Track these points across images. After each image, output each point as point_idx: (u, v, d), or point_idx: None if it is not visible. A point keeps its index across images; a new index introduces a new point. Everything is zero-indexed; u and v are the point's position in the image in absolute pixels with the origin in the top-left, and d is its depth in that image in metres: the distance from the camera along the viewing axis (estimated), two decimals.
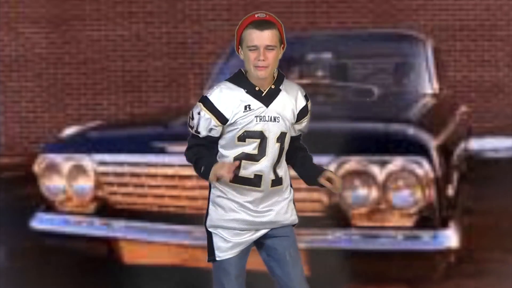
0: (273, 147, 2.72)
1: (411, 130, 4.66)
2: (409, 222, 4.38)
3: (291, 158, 2.85)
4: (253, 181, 2.72)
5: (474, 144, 8.33)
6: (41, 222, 5.12)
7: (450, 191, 4.80)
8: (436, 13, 10.32)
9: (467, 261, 5.01)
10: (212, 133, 2.74)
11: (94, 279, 5.04)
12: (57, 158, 5.03)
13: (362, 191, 4.39)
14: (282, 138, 2.74)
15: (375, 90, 5.70)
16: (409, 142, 4.51)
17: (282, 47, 2.74)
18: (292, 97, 2.77)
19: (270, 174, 2.73)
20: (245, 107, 2.69)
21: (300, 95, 2.80)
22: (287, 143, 2.78)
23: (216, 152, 2.81)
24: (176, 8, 10.48)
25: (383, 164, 4.36)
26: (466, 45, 10.33)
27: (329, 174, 2.77)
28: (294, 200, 2.90)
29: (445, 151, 4.80)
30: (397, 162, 4.35)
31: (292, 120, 2.78)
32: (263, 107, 2.70)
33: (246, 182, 2.73)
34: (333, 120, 4.79)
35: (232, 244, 2.81)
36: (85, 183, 4.93)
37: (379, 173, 4.36)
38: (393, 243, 4.34)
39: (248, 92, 2.71)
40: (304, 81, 6.12)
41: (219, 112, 2.69)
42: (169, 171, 4.69)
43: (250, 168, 2.71)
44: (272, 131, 2.71)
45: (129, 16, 10.52)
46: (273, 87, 2.73)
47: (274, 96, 2.73)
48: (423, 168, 4.33)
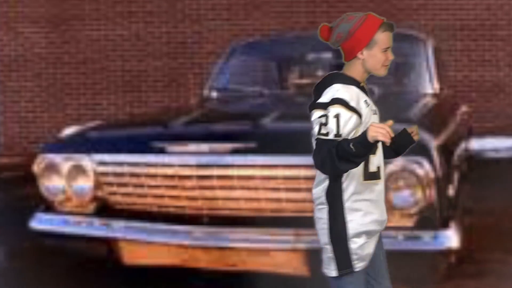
0: None
1: None
2: (409, 222, 4.38)
3: None
4: (376, 174, 2.77)
5: (475, 144, 8.33)
6: (41, 222, 5.11)
7: (451, 191, 4.80)
8: (437, 13, 10.31)
9: (467, 262, 5.01)
10: (354, 135, 2.69)
11: (94, 279, 5.03)
12: (57, 158, 5.02)
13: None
14: None
15: (375, 90, 5.69)
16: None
17: None
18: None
19: (383, 165, 2.81)
20: (365, 102, 2.75)
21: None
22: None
23: None
24: (176, 7, 10.48)
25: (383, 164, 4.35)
26: (467, 44, 10.33)
27: (411, 129, 2.81)
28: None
29: (446, 151, 4.80)
30: (397, 162, 4.34)
31: None
32: (371, 101, 2.80)
33: (373, 176, 2.76)
34: None
35: (368, 253, 2.78)
36: (85, 183, 4.93)
37: None
38: (394, 243, 4.33)
39: (358, 88, 2.77)
40: (304, 81, 6.12)
41: (356, 110, 2.69)
42: (169, 171, 4.68)
43: (374, 162, 2.76)
44: (377, 122, 2.78)
45: (128, 15, 10.52)
46: (366, 83, 2.83)
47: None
48: (423, 168, 4.32)
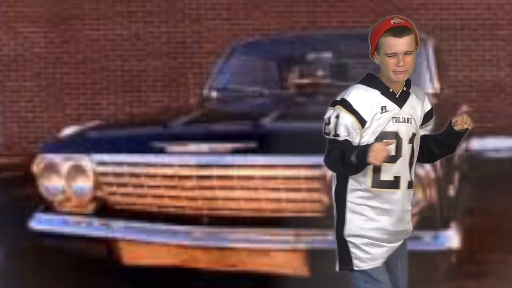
0: (406, 147, 2.74)
1: None
2: None
3: (426, 153, 2.86)
4: (393, 184, 2.73)
5: (475, 144, 8.32)
6: (40, 222, 5.10)
7: (451, 191, 4.79)
8: (437, 13, 10.30)
9: (468, 262, 5.00)
10: (350, 137, 2.71)
11: (93, 280, 5.02)
12: (56, 158, 5.01)
13: None
14: (413, 139, 2.76)
15: None
16: None
17: (416, 48, 2.75)
18: (420, 100, 2.81)
19: (406, 175, 2.75)
20: (382, 108, 2.71)
21: (427, 99, 2.85)
22: (417, 145, 2.80)
23: None
24: (176, 7, 10.46)
25: None
26: (467, 44, 10.31)
27: (455, 119, 2.77)
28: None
29: None
30: None
31: (419, 122, 2.81)
32: (397, 108, 2.73)
33: (387, 185, 2.73)
34: None
35: (371, 256, 2.79)
36: (84, 183, 4.92)
37: None
38: None
39: (383, 93, 2.73)
40: (304, 81, 6.10)
41: (359, 113, 2.69)
42: (169, 171, 4.68)
43: (390, 170, 2.72)
44: (405, 132, 2.73)
45: (128, 15, 10.50)
46: (405, 89, 2.77)
47: (406, 98, 2.77)
48: (424, 168, 4.33)
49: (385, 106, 2.71)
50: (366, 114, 2.69)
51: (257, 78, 6.78)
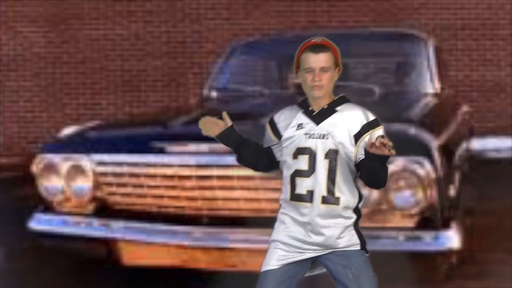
0: (321, 163, 2.81)
1: (412, 130, 4.64)
2: (410, 223, 4.37)
3: (364, 176, 2.85)
4: (304, 197, 2.84)
5: (476, 144, 8.32)
6: (40, 222, 5.10)
7: (452, 191, 4.78)
8: (438, 12, 10.29)
9: (469, 262, 5.00)
10: (271, 149, 2.97)
11: (93, 280, 5.02)
12: (56, 158, 5.01)
13: (363, 192, 4.38)
14: (331, 156, 2.82)
15: (376, 90, 5.68)
16: (411, 142, 4.49)
17: (338, 70, 2.90)
18: (347, 118, 2.85)
19: (321, 190, 2.81)
20: (298, 125, 2.88)
21: (359, 116, 2.84)
22: (342, 163, 2.82)
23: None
24: (176, 7, 10.45)
25: None
26: (468, 44, 10.31)
27: (371, 141, 2.73)
28: (358, 229, 2.90)
29: (447, 151, 4.78)
30: (398, 162, 4.34)
31: (348, 141, 2.82)
32: (313, 124, 2.86)
33: (299, 198, 2.85)
34: None
35: (277, 259, 2.90)
36: (84, 184, 4.92)
37: None
38: (394, 244, 4.33)
39: (303, 112, 2.90)
40: None
41: (276, 128, 2.92)
42: (169, 171, 4.67)
43: (303, 184, 2.84)
44: (320, 147, 2.82)
45: (128, 15, 10.49)
46: (325, 107, 2.87)
47: (326, 116, 2.86)
48: (424, 169, 4.31)
49: (301, 124, 2.87)
50: (282, 130, 2.90)
51: (257, 78, 6.77)
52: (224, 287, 4.80)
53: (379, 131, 2.84)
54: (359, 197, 2.89)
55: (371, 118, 2.85)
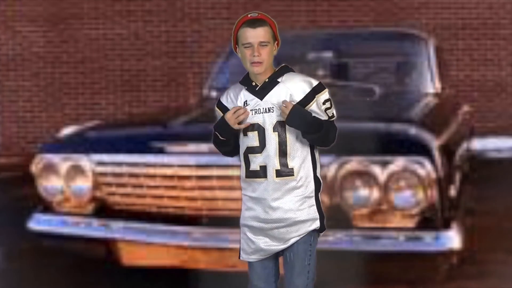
0: (271, 137, 2.81)
1: (413, 130, 4.63)
2: (411, 223, 4.37)
3: None
4: (258, 173, 2.82)
5: (477, 144, 8.31)
6: (39, 223, 5.10)
7: (453, 191, 4.78)
8: (438, 12, 10.28)
9: (469, 263, 4.99)
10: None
11: (92, 280, 5.01)
12: (55, 158, 5.01)
13: (363, 192, 4.38)
14: (279, 128, 2.82)
15: (377, 90, 5.67)
16: (411, 142, 4.49)
17: (277, 44, 2.89)
18: (290, 87, 2.85)
19: (274, 164, 2.81)
20: (244, 103, 2.86)
21: (302, 85, 2.85)
22: (292, 133, 2.82)
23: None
24: (175, 6, 10.44)
25: (384, 164, 4.34)
26: (469, 44, 10.30)
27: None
28: (318, 200, 2.90)
29: (447, 151, 4.78)
30: (398, 162, 4.33)
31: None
32: (257, 99, 2.85)
33: (254, 175, 2.84)
34: None
35: (253, 249, 2.91)
36: (83, 184, 4.91)
37: (381, 174, 4.34)
38: (395, 244, 4.32)
39: (247, 89, 2.89)
40: None
41: (227, 110, 2.89)
42: (168, 171, 4.67)
43: (256, 161, 2.82)
44: (268, 121, 2.82)
45: (127, 14, 10.48)
46: (267, 81, 2.85)
47: (269, 88, 2.85)
48: (425, 169, 4.31)
49: (246, 101, 2.86)
50: (229, 106, 2.89)
51: None
52: (224, 287, 4.80)
53: (324, 95, 2.85)
54: (316, 164, 2.88)
55: (315, 83, 2.85)
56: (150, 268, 4.78)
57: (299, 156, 2.83)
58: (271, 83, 2.85)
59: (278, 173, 2.81)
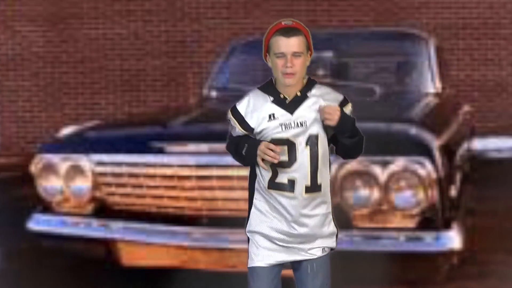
0: (303, 151, 2.70)
1: (413, 130, 4.63)
2: (411, 223, 4.37)
3: (340, 150, 2.81)
4: (286, 186, 2.72)
5: (477, 144, 8.31)
6: (38, 223, 5.09)
7: (453, 191, 4.77)
8: (439, 11, 10.27)
9: (470, 263, 4.98)
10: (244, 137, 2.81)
11: (92, 281, 5.01)
12: (54, 158, 5.01)
13: (363, 192, 4.38)
14: (312, 142, 2.72)
15: (377, 89, 5.67)
16: (411, 142, 4.49)
17: (310, 54, 2.76)
18: (320, 101, 2.74)
19: (305, 180, 2.71)
20: (269, 116, 2.72)
21: (332, 96, 2.78)
22: (322, 147, 2.73)
23: None
24: (175, 6, 10.43)
25: (385, 164, 4.34)
26: (469, 43, 10.29)
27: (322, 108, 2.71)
28: (332, 215, 2.82)
29: (448, 151, 4.77)
30: (399, 163, 4.33)
31: (323, 124, 2.74)
32: (288, 114, 2.72)
33: (280, 187, 2.72)
34: None
35: (259, 254, 2.79)
36: (83, 184, 4.91)
37: (381, 174, 4.34)
38: (395, 245, 4.32)
39: (273, 101, 2.74)
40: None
41: (245, 121, 2.76)
42: (168, 171, 4.66)
43: (284, 174, 2.72)
44: (300, 137, 2.71)
45: (127, 14, 10.47)
46: (298, 94, 2.74)
47: (300, 103, 2.73)
48: (425, 169, 4.31)
49: (273, 114, 2.72)
50: (253, 122, 2.74)
51: (257, 77, 6.75)
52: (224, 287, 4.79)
53: (350, 108, 2.78)
54: (330, 180, 2.82)
55: (340, 98, 2.78)
56: (150, 269, 4.78)
57: (326, 172, 2.75)
58: (302, 97, 2.73)
59: (308, 189, 2.71)
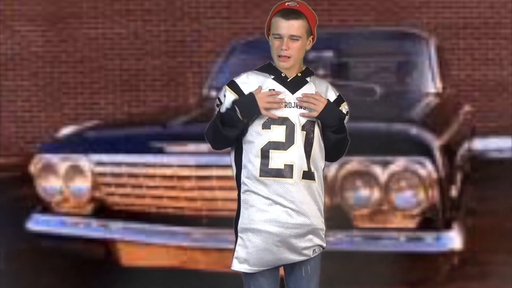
0: (299, 134, 2.57)
1: (413, 130, 4.63)
2: (411, 224, 4.37)
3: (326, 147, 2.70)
4: (284, 172, 2.55)
5: (478, 144, 8.30)
6: (37, 223, 5.09)
7: (454, 192, 4.77)
8: (439, 11, 10.26)
9: (470, 263, 4.97)
10: None
11: (91, 281, 4.99)
12: (54, 158, 5.00)
13: (364, 192, 4.38)
14: (308, 127, 2.59)
15: (377, 89, 5.67)
16: (412, 142, 4.49)
17: (312, 39, 2.66)
18: (321, 91, 2.65)
19: (302, 164, 2.56)
20: (269, 90, 2.59)
21: (331, 91, 2.69)
22: (317, 136, 2.61)
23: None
24: (175, 5, 10.42)
25: (385, 164, 4.34)
26: (470, 43, 10.28)
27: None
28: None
29: (449, 151, 4.77)
30: (399, 163, 4.33)
31: None
32: (289, 93, 2.60)
33: (276, 173, 2.55)
34: None
35: (258, 259, 2.64)
36: (82, 184, 4.91)
37: (381, 174, 4.34)
38: (396, 245, 4.32)
39: (274, 78, 2.62)
40: None
41: (241, 90, 2.62)
42: (168, 171, 4.66)
43: (279, 158, 2.55)
44: (298, 118, 2.58)
45: (126, 13, 10.46)
46: (300, 75, 2.64)
47: (301, 85, 2.63)
48: (426, 169, 4.31)
49: (273, 89, 2.58)
50: (248, 92, 2.60)
51: None
52: None
53: (345, 106, 2.71)
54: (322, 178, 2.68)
55: (337, 93, 2.70)
56: (150, 269, 4.77)
57: (319, 162, 2.61)
58: (302, 80, 2.62)
59: (305, 175, 2.56)
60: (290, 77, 2.63)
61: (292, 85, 2.62)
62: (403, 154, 4.35)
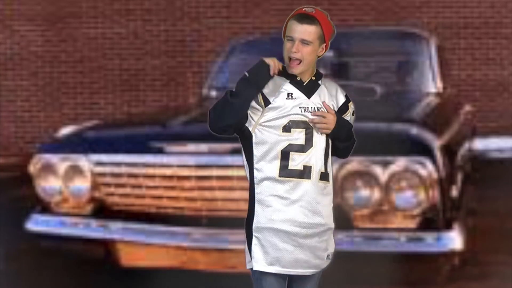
0: (317, 137, 2.67)
1: (414, 130, 4.63)
2: (412, 224, 4.37)
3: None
4: (301, 173, 2.63)
5: (479, 144, 8.30)
6: (37, 223, 5.09)
7: (454, 192, 4.77)
8: (440, 11, 10.26)
9: (471, 264, 4.97)
10: (249, 115, 2.69)
11: (91, 282, 5.00)
12: (53, 158, 5.00)
13: (364, 192, 4.37)
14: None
15: (378, 89, 5.66)
16: (412, 142, 4.49)
17: (325, 46, 2.72)
18: (332, 94, 2.75)
19: (320, 166, 2.65)
20: (288, 94, 2.67)
21: (340, 93, 2.78)
22: (328, 138, 2.71)
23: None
24: (175, 5, 10.41)
25: (385, 164, 4.34)
26: (470, 43, 10.27)
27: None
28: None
29: (449, 151, 4.77)
30: (400, 163, 4.33)
31: None
32: (305, 97, 2.69)
33: (295, 174, 2.63)
34: None
35: (275, 258, 2.65)
36: (82, 184, 4.91)
37: (382, 174, 4.34)
38: (396, 245, 4.32)
39: (291, 82, 2.70)
40: None
41: (263, 93, 2.68)
42: (168, 171, 4.66)
43: (299, 159, 2.64)
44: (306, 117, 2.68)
45: (126, 13, 10.45)
46: (313, 79, 2.72)
47: (315, 88, 2.71)
48: (426, 169, 4.31)
49: (291, 94, 2.67)
50: (270, 96, 2.66)
51: None
52: None
53: (352, 106, 2.80)
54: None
55: (344, 92, 2.79)
56: (149, 269, 4.76)
57: (331, 164, 2.72)
58: (315, 84, 2.72)
59: (323, 177, 2.65)
60: (305, 81, 2.71)
61: (308, 89, 2.70)
62: (404, 154, 4.35)
